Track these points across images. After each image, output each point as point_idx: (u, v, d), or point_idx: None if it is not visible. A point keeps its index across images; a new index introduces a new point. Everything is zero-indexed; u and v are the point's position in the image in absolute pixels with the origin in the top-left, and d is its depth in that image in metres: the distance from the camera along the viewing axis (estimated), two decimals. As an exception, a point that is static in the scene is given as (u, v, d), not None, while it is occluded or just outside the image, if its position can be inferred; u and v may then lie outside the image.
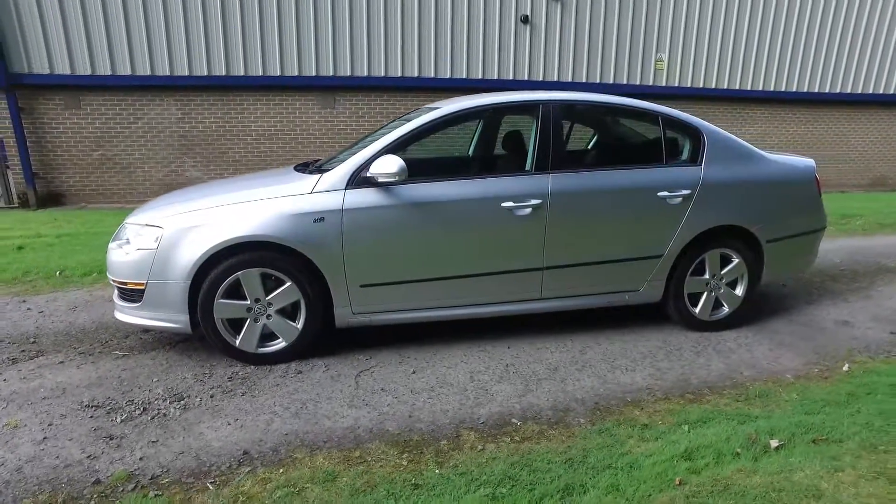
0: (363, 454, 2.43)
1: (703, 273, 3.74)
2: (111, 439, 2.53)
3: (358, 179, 3.18)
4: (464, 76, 9.64)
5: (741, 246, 3.74)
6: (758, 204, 3.75)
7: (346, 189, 3.17)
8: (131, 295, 3.20)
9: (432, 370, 3.21)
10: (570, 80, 10.06)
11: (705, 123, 3.78)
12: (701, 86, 10.63)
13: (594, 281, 3.56)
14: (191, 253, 3.05)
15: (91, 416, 2.70)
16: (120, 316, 3.29)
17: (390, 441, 2.52)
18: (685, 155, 3.70)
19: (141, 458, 2.39)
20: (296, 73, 8.90)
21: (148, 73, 8.30)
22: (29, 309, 4.08)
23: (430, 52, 9.35)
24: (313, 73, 8.98)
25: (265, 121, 9.04)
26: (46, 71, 7.97)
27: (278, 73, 8.82)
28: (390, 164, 3.07)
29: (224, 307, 3.12)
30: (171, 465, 2.36)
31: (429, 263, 3.29)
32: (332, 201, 3.14)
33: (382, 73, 9.31)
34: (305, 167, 3.62)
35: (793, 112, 11.35)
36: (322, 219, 3.12)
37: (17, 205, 8.28)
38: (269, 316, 3.20)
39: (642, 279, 3.63)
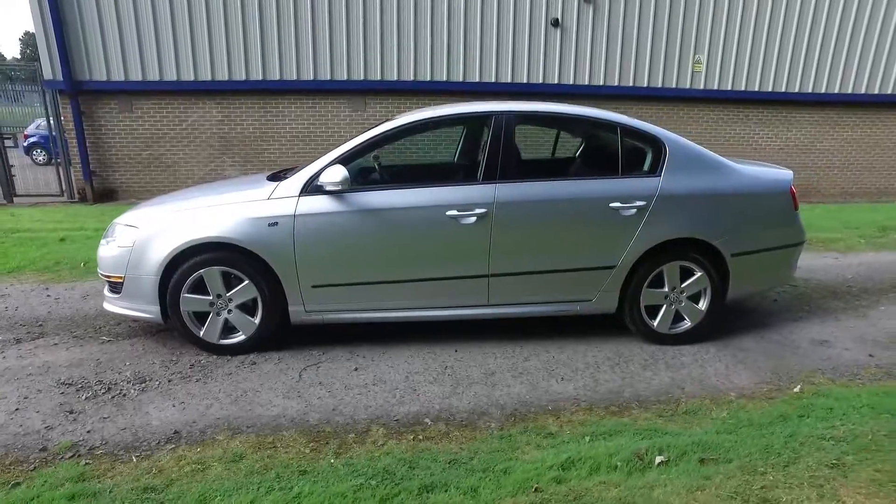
0: (276, 440, 2.66)
1: (661, 285, 3.72)
2: (71, 413, 2.89)
3: (311, 188, 3.41)
4: (492, 80, 9.73)
5: (704, 259, 3.69)
6: (722, 216, 3.69)
7: (299, 196, 3.41)
8: (114, 287, 3.58)
9: (374, 368, 3.41)
10: (601, 83, 9.93)
11: (669, 134, 3.76)
12: (742, 88, 10.20)
13: (543, 290, 3.63)
14: (160, 251, 3.39)
15: (62, 393, 3.08)
16: (106, 306, 3.68)
17: (305, 431, 2.74)
18: (644, 165, 3.70)
19: (89, 432, 2.73)
20: (328, 78, 9.30)
21: (192, 78, 8.93)
22: (48, 296, 4.60)
23: (458, 56, 9.50)
24: (345, 77, 9.35)
25: (299, 123, 9.50)
26: (104, 78, 8.74)
27: (311, 78, 9.25)
28: (335, 174, 3.29)
29: (189, 301, 3.45)
30: (111, 438, 2.67)
31: (377, 267, 3.48)
32: (286, 207, 3.40)
33: (411, 77, 9.56)
34: (276, 176, 3.90)
35: (847, 115, 10.67)
36: (276, 223, 3.38)
37: (76, 199, 9.14)
38: (230, 311, 3.50)
39: (594, 290, 3.66)
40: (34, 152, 12.99)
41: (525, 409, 2.98)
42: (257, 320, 3.51)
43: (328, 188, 3.34)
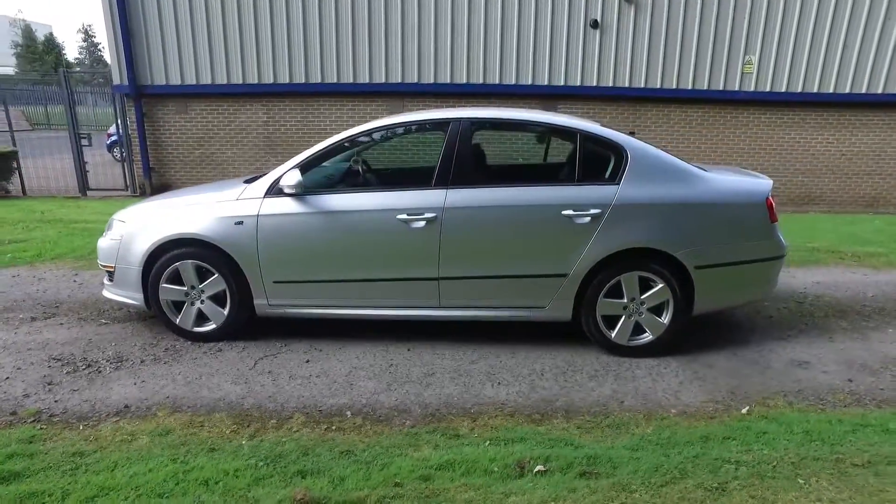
0: (206, 420, 2.91)
1: (620, 296, 3.67)
2: (49, 385, 3.28)
3: (274, 190, 3.66)
4: (528, 82, 9.71)
5: (666, 270, 3.61)
6: (685, 227, 3.59)
7: (263, 198, 3.67)
8: (110, 275, 4.00)
9: (325, 361, 3.61)
10: (642, 85, 9.64)
11: (633, 141, 3.70)
12: (799, 89, 9.56)
13: (494, 295, 3.69)
14: (142, 244, 3.76)
15: (49, 366, 3.50)
16: (104, 292, 4.11)
17: (235, 414, 2.98)
18: (604, 173, 3.67)
19: (56, 401, 3.10)
20: (367, 80, 9.64)
21: (240, 81, 9.54)
22: (74, 281, 5.15)
23: (495, 58, 9.55)
24: (383, 80, 9.65)
25: (339, 124, 9.90)
26: (163, 82, 9.53)
27: (351, 80, 9.62)
28: (291, 178, 3.52)
29: (167, 290, 3.79)
30: (71, 408, 3.03)
31: (333, 267, 3.67)
32: (251, 208, 3.66)
33: (448, 80, 9.71)
34: (252, 179, 4.18)
35: (923, 119, 9.74)
36: (241, 222, 3.65)
37: (137, 193, 10.02)
38: (202, 301, 3.81)
39: (547, 297, 3.67)
40: (114, 150, 14.30)
41: (447, 410, 3.07)
42: (226, 311, 3.80)
43: (286, 191, 3.57)
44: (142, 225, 3.80)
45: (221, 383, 3.32)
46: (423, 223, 3.55)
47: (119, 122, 9.86)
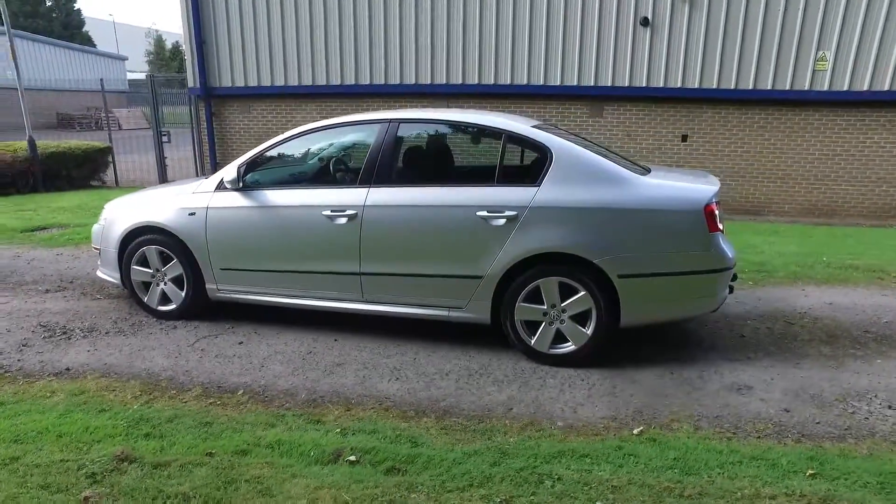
0: (120, 386, 3.27)
1: (541, 301, 3.59)
2: (24, 346, 3.83)
3: (221, 186, 3.99)
4: (574, 83, 9.46)
5: (589, 278, 3.47)
6: (608, 233, 3.43)
7: (213, 192, 4.01)
8: (99, 255, 4.55)
9: (255, 345, 3.87)
10: (695, 86, 9.05)
11: (561, 143, 3.60)
12: (887, 87, 8.48)
13: (413, 292, 3.75)
14: (118, 229, 4.26)
15: (32, 331, 4.07)
16: (97, 271, 4.68)
17: (147, 383, 3.32)
18: (527, 174, 3.60)
19: (18, 360, 3.63)
20: (413, 82, 9.91)
21: (296, 83, 10.21)
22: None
23: (539, 59, 9.42)
24: (428, 81, 9.87)
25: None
26: (229, 84, 10.43)
27: (398, 82, 9.95)
28: (229, 174, 3.85)
29: (137, 272, 4.26)
30: (26, 366, 3.53)
31: (269, 257, 3.93)
32: (202, 200, 4.02)
33: (492, 81, 9.73)
34: None
35: None
36: (194, 213, 4.02)
37: (207, 186, 11.04)
38: (165, 283, 4.24)
39: (464, 298, 3.68)
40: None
41: (331, 398, 3.20)
42: (183, 293, 4.20)
43: (227, 186, 3.89)
44: (120, 212, 4.30)
45: (156, 356, 3.69)
46: (345, 220, 3.70)
47: (192, 120, 10.92)
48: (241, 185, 3.89)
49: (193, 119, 10.92)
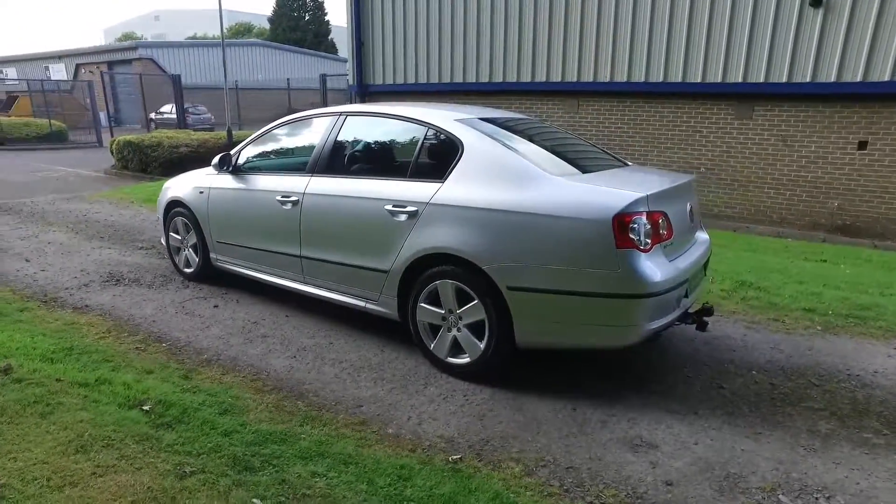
0: (101, 322, 4.03)
1: (440, 304, 3.38)
2: (84, 286, 4.91)
3: (220, 168, 4.57)
4: (718, 80, 8.20)
5: (481, 286, 3.18)
6: (502, 238, 3.07)
7: (216, 174, 4.62)
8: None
9: (225, 310, 4.37)
10: (886, 78, 7.11)
11: (473, 136, 3.35)
12: None
13: (338, 279, 3.83)
14: (162, 202, 5.18)
15: (99, 275, 5.17)
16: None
17: (122, 328, 3.97)
18: (436, 169, 3.41)
19: (70, 295, 4.66)
20: (544, 79, 9.67)
21: (436, 81, 10.74)
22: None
23: (679, 53, 8.40)
24: (559, 79, 9.54)
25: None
26: (381, 82, 11.45)
27: (529, 80, 9.81)
28: (216, 159, 4.39)
29: (172, 238, 5.13)
30: (68, 300, 4.52)
31: (244, 234, 4.39)
32: (209, 181, 4.66)
33: (624, 79, 8.98)
34: None
35: None
36: (202, 191, 4.69)
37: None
38: (187, 249, 5.01)
39: (376, 291, 3.64)
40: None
41: (223, 361, 3.51)
42: (198, 259, 4.91)
43: (223, 169, 4.47)
44: (167, 187, 5.20)
45: (146, 310, 4.39)
46: (289, 205, 3.96)
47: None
48: (230, 168, 4.41)
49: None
